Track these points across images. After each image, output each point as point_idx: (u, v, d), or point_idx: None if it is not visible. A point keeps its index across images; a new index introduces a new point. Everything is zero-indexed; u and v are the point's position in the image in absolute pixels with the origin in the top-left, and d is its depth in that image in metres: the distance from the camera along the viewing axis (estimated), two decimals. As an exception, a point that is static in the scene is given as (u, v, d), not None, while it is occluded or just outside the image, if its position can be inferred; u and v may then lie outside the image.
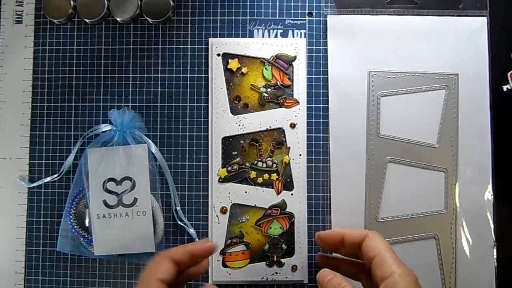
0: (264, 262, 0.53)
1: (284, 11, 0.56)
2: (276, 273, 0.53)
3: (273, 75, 0.55)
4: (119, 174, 0.48)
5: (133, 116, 0.50)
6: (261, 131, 0.54)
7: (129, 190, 0.48)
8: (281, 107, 0.55)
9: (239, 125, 0.54)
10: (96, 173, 0.48)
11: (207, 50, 0.56)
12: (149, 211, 0.48)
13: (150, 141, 0.51)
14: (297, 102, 0.55)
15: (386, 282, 0.34)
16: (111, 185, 0.48)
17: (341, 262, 0.46)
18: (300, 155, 0.54)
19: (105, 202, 0.48)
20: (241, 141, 0.54)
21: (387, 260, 0.36)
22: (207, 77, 0.55)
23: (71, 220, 0.50)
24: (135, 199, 0.48)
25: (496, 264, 0.52)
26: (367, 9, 0.56)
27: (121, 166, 0.48)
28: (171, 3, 0.55)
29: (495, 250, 0.53)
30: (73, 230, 0.50)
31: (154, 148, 0.52)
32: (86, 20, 0.56)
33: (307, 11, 0.56)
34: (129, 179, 0.48)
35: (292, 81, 0.55)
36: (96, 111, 0.56)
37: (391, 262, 0.36)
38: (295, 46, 0.55)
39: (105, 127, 0.51)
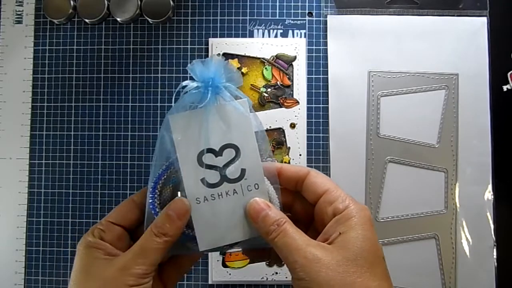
0: (264, 262, 0.53)
1: (284, 11, 0.56)
2: (276, 273, 0.53)
3: (273, 75, 0.55)
4: (217, 142, 0.36)
5: (225, 65, 0.36)
6: (261, 131, 0.54)
7: (234, 160, 0.36)
8: (281, 107, 0.55)
9: (239, 125, 0.54)
10: (185, 146, 0.36)
11: (207, 50, 0.56)
12: (262, 183, 0.37)
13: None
14: (297, 102, 0.55)
15: (338, 217, 0.32)
16: (209, 158, 0.36)
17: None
18: (300, 155, 0.54)
19: (204, 181, 0.36)
20: (241, 141, 0.54)
21: (339, 195, 0.34)
22: (207, 77, 0.55)
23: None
24: (243, 171, 0.36)
25: (496, 264, 0.52)
26: (367, 9, 0.56)
27: (218, 132, 0.36)
28: (171, 3, 0.55)
29: (495, 250, 0.52)
30: None
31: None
32: (86, 20, 0.56)
33: (307, 11, 0.56)
34: (232, 146, 0.36)
35: (292, 81, 0.55)
36: (96, 111, 0.56)
37: (344, 197, 0.33)
38: (295, 46, 0.55)
39: (190, 84, 0.36)
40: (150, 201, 0.35)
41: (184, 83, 0.36)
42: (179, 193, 0.36)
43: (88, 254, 0.33)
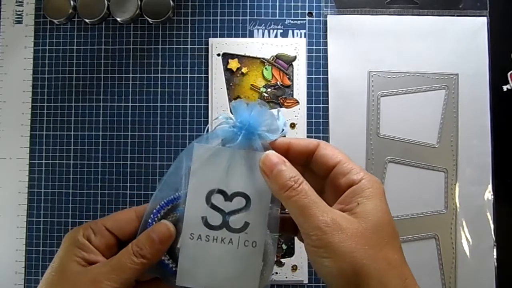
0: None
1: (284, 11, 0.56)
2: (276, 273, 0.53)
3: (273, 75, 0.55)
4: (232, 187, 0.35)
5: (268, 114, 0.35)
6: (261, 131, 0.54)
7: (241, 210, 0.35)
8: (281, 107, 0.55)
9: (239, 125, 0.54)
10: (200, 179, 0.35)
11: (207, 50, 0.56)
12: (261, 243, 0.35)
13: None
14: (297, 102, 0.55)
15: (354, 188, 0.32)
16: (218, 199, 0.35)
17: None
18: (300, 155, 0.54)
19: (205, 220, 0.35)
20: (241, 141, 0.54)
21: (352, 167, 0.33)
22: (207, 77, 0.55)
23: None
24: (246, 224, 0.35)
25: (496, 264, 0.52)
26: (367, 9, 0.56)
27: (237, 177, 0.35)
28: (171, 3, 0.55)
29: (495, 250, 0.53)
30: None
31: None
32: (86, 20, 0.56)
33: (307, 11, 0.56)
34: (244, 196, 0.35)
35: (292, 81, 0.55)
36: (96, 111, 0.56)
37: (358, 170, 0.33)
38: (295, 46, 0.55)
39: (227, 120, 0.35)
40: (149, 220, 0.35)
41: (221, 116, 0.35)
42: (180, 223, 0.35)
43: (70, 252, 0.33)
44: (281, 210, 0.35)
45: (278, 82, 0.55)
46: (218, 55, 0.55)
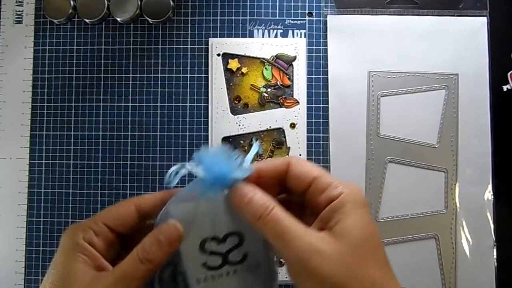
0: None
1: (284, 11, 0.56)
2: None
3: (273, 75, 0.55)
4: (222, 231, 0.35)
5: (235, 157, 0.33)
6: (261, 131, 0.54)
7: (237, 246, 0.36)
8: (281, 107, 0.55)
9: (239, 125, 0.54)
10: (188, 236, 0.35)
11: (207, 50, 0.56)
12: (262, 260, 0.36)
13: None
14: (297, 102, 0.55)
15: (333, 204, 0.30)
16: (212, 245, 0.35)
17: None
18: (300, 155, 0.54)
19: (206, 265, 0.35)
20: (241, 141, 0.54)
21: (330, 182, 0.31)
22: (207, 77, 0.55)
23: None
24: (245, 255, 0.36)
25: (496, 264, 0.52)
26: (367, 9, 0.56)
27: (223, 220, 0.35)
28: (171, 3, 0.55)
29: (495, 250, 0.53)
30: None
31: None
32: (86, 20, 0.56)
33: (307, 11, 0.56)
34: (236, 233, 0.35)
35: (292, 81, 0.55)
36: (96, 111, 0.56)
37: (336, 183, 0.31)
38: (295, 46, 0.55)
39: (197, 175, 0.33)
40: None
41: (192, 170, 0.33)
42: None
43: (73, 261, 0.31)
44: None
45: (278, 82, 0.55)
46: (218, 55, 0.55)
